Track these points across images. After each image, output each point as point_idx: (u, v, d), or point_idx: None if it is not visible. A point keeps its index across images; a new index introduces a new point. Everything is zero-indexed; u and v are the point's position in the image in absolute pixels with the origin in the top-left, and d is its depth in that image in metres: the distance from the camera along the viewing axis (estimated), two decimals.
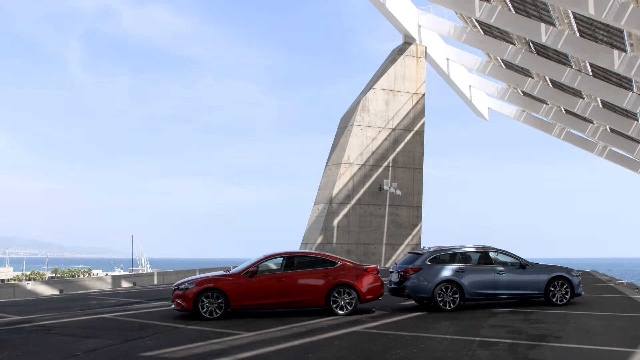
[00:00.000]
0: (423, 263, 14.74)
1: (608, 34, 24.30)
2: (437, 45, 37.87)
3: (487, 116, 46.93)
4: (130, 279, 29.23)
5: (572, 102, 35.28)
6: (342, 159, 34.40)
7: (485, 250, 15.20)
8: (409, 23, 34.85)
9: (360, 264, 14.44)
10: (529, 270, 15.11)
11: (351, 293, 13.74)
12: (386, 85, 35.66)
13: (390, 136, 35.63)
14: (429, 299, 14.47)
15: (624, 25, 20.36)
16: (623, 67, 24.81)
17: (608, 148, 42.86)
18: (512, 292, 15.02)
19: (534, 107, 41.11)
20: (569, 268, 15.87)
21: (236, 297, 13.39)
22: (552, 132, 44.29)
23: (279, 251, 14.42)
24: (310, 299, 13.71)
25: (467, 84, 42.32)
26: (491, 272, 14.82)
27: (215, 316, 13.21)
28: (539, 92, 35.99)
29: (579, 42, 25.68)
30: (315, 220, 34.58)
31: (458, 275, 14.56)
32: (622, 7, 20.07)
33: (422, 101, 36.54)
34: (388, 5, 32.24)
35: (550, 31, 25.65)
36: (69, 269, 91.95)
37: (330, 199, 34.06)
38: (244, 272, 13.67)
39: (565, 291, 15.17)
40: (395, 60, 35.92)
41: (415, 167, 36.26)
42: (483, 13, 26.97)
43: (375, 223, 35.21)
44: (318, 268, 13.92)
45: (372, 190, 35.12)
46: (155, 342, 10.49)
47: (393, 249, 35.61)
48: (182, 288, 13.56)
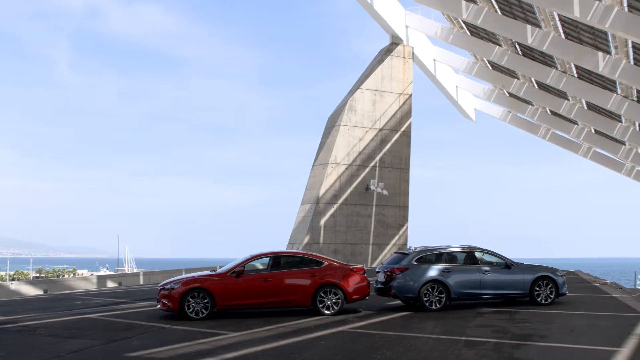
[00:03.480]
0: (409, 263, 14.79)
1: (593, 36, 24.53)
2: (424, 46, 38.02)
3: (473, 117, 47.20)
4: (116, 279, 29.06)
5: (557, 104, 35.59)
6: (329, 159, 34.43)
7: (471, 250, 15.28)
8: (396, 24, 34.96)
9: (346, 264, 14.46)
10: (514, 270, 15.22)
11: (337, 293, 13.76)
12: (373, 86, 35.75)
13: (377, 136, 35.73)
14: (415, 298, 14.53)
15: (608, 27, 20.57)
16: (607, 69, 25.06)
17: (592, 149, 43.28)
18: (497, 291, 15.12)
19: (519, 108, 41.41)
20: (554, 268, 16.01)
21: (222, 297, 13.35)
22: (538, 133, 44.64)
23: (265, 251, 14.40)
24: (296, 299, 13.71)
25: (453, 85, 42.53)
26: (477, 272, 14.91)
27: (202, 316, 13.16)
28: (525, 93, 36.26)
29: (564, 44, 25.90)
30: (302, 220, 34.58)
31: (444, 275, 14.63)
32: (606, 9, 20.27)
33: (409, 102, 36.67)
34: (375, 6, 32.32)
35: (536, 33, 25.85)
36: (53, 269, 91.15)
37: (317, 198, 34.07)
38: (231, 272, 13.64)
39: (550, 291, 15.30)
40: (382, 61, 36.02)
41: (401, 168, 36.37)
42: (470, 14, 27.12)
43: (361, 223, 35.28)
44: (304, 268, 13.92)
45: (359, 190, 35.18)
46: (141, 343, 10.43)
47: (380, 248, 35.70)
48: (168, 288, 13.50)
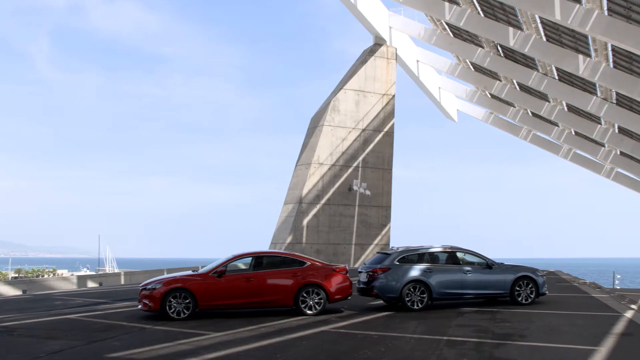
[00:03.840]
0: (391, 263, 14.85)
1: (574, 39, 24.81)
2: (407, 46, 38.18)
3: (455, 118, 47.50)
4: (97, 279, 28.80)
5: (538, 105, 35.93)
6: (312, 159, 34.43)
7: (452, 250, 15.38)
8: (379, 24, 35.06)
9: (329, 264, 14.48)
10: (495, 270, 15.34)
11: (320, 293, 13.77)
12: (356, 86, 35.81)
13: (360, 137, 35.80)
14: (397, 298, 14.58)
15: (588, 31, 20.82)
16: (588, 72, 25.36)
17: (573, 150, 43.76)
18: (478, 291, 15.23)
19: (501, 109, 41.74)
20: (534, 268, 16.17)
21: (204, 297, 13.30)
22: (519, 135, 45.02)
23: (248, 251, 14.37)
24: (279, 299, 13.69)
25: (436, 86, 42.76)
26: (458, 272, 15.01)
27: (183, 316, 13.10)
28: (507, 95, 36.56)
29: (546, 47, 26.16)
30: (285, 220, 34.54)
31: (426, 275, 14.71)
32: (587, 13, 20.51)
33: (392, 102, 36.79)
34: (359, 7, 32.38)
35: (518, 35, 26.07)
36: (33, 269, 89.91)
37: (300, 198, 34.05)
38: (213, 272, 13.59)
39: (530, 291, 15.45)
40: (365, 61, 36.09)
41: (384, 168, 36.49)
42: (453, 16, 27.28)
43: (344, 223, 35.33)
44: (287, 268, 13.91)
45: (342, 190, 35.23)
46: (122, 343, 10.35)
47: (362, 249, 35.77)
48: (149, 288, 13.41)
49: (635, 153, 35.40)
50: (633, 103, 28.56)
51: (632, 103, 28.63)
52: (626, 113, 30.12)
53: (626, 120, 30.50)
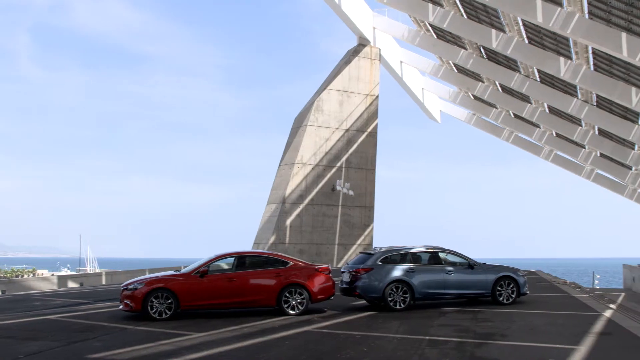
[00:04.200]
0: (374, 263, 14.89)
1: (555, 42, 25.07)
2: (391, 47, 38.31)
3: (438, 119, 47.76)
4: (77, 279, 28.52)
5: (520, 107, 36.24)
6: (296, 159, 34.41)
7: (435, 250, 15.46)
8: (363, 25, 35.14)
9: (311, 264, 14.48)
10: (477, 270, 15.45)
11: (302, 293, 13.76)
12: (340, 86, 35.86)
13: (343, 137, 35.85)
14: (380, 298, 14.62)
15: (569, 34, 21.05)
16: (569, 74, 25.64)
17: (554, 152, 44.20)
18: (460, 291, 15.33)
19: (484, 110, 42.04)
20: (515, 268, 16.31)
21: (186, 297, 13.23)
22: (501, 136, 45.37)
23: (230, 251, 14.32)
24: (261, 299, 13.67)
25: (419, 87, 42.95)
26: (441, 272, 15.09)
27: (165, 317, 13.02)
28: (489, 96, 36.83)
29: (528, 49, 26.41)
30: (268, 220, 34.48)
31: (408, 275, 14.76)
32: (568, 16, 20.74)
33: (375, 103, 36.89)
34: (343, 7, 32.43)
35: (501, 37, 26.29)
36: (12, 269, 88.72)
37: (283, 198, 34.02)
38: (195, 272, 13.52)
39: (511, 290, 15.58)
40: (349, 62, 36.15)
41: (367, 168, 36.58)
42: (436, 17, 27.44)
43: (327, 223, 35.35)
44: (269, 268, 13.89)
45: (325, 190, 35.25)
46: (102, 344, 10.26)
47: (345, 249, 35.83)
48: (130, 288, 13.31)
49: (615, 155, 35.88)
50: (613, 105, 28.94)
51: (612, 105, 29.01)
52: (606, 115, 30.51)
53: (606, 122, 30.90)
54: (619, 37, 20.21)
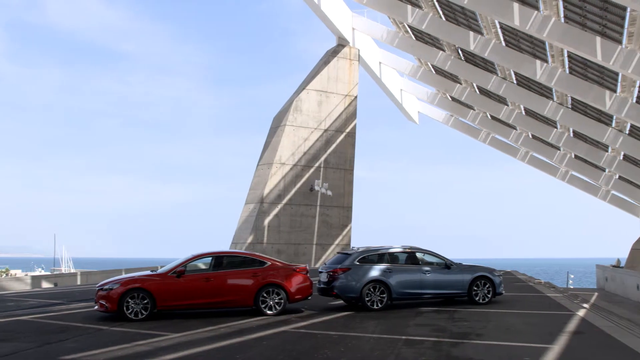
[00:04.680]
0: (352, 263, 14.92)
1: (531, 45, 25.38)
2: (370, 48, 38.44)
3: (417, 120, 48.04)
4: (52, 279, 28.11)
5: (497, 109, 36.63)
6: (274, 159, 34.35)
7: (412, 250, 15.55)
8: (343, 25, 35.21)
9: (289, 264, 14.47)
10: (454, 270, 15.58)
11: (280, 293, 13.74)
12: (319, 87, 35.88)
13: (322, 137, 35.88)
14: (357, 298, 14.66)
15: (545, 37, 21.34)
16: (545, 77, 25.99)
17: (530, 153, 44.75)
18: (437, 291, 15.44)
19: (461, 112, 42.40)
20: (491, 268, 16.48)
21: (163, 298, 13.13)
22: (479, 137, 45.79)
23: (208, 251, 14.24)
24: (238, 299, 13.62)
25: (398, 88, 43.17)
26: (418, 272, 15.18)
27: (141, 317, 12.90)
28: (467, 98, 37.16)
29: (505, 52, 26.69)
30: (246, 219, 34.37)
31: (386, 275, 14.83)
32: (544, 20, 21.02)
33: (354, 103, 36.99)
34: (323, 7, 32.45)
35: (478, 39, 26.54)
36: None
37: (262, 198, 33.93)
38: (172, 272, 13.43)
39: (487, 290, 15.74)
40: (328, 62, 36.19)
41: (346, 168, 36.66)
42: (415, 19, 27.60)
43: (305, 223, 35.35)
44: (247, 268, 13.85)
45: (303, 190, 35.25)
46: (77, 345, 10.13)
47: (323, 249, 35.86)
48: (106, 288, 13.16)
49: (589, 157, 36.46)
50: (587, 108, 29.40)
51: (587, 108, 29.46)
52: (580, 117, 30.99)
53: (580, 125, 31.38)
54: (593, 41, 20.54)
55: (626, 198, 42.51)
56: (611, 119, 29.33)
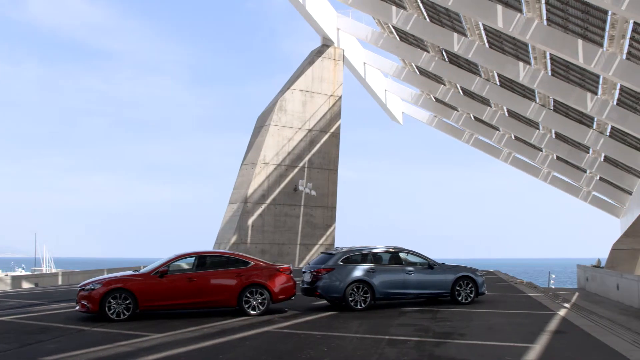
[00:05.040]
0: (335, 263, 14.93)
1: (515, 47, 25.60)
2: (354, 48, 38.52)
3: (401, 120, 48.21)
4: (32, 279, 27.81)
5: (480, 110, 36.88)
6: (258, 159, 34.28)
7: (395, 251, 15.60)
8: (327, 26, 35.23)
9: (273, 264, 14.45)
10: (437, 270, 15.65)
11: (263, 293, 13.72)
12: (304, 87, 35.87)
13: (306, 137, 35.88)
14: (341, 298, 14.68)
15: (528, 39, 21.53)
16: (527, 79, 26.22)
17: (512, 154, 45.11)
18: (420, 291, 15.50)
19: (445, 113, 42.63)
20: (474, 268, 16.58)
21: (145, 298, 13.04)
22: (462, 138, 46.08)
23: (191, 250, 14.17)
24: (222, 299, 13.57)
25: (382, 88, 43.30)
26: (401, 272, 15.23)
27: (123, 317, 12.80)
28: (450, 99, 37.38)
29: (488, 53, 26.89)
30: (230, 219, 34.26)
31: (369, 275, 14.86)
32: (527, 22, 21.21)
33: (338, 103, 37.04)
34: (308, 7, 32.45)
35: (462, 41, 26.71)
36: None
37: (245, 198, 33.85)
38: (154, 272, 13.34)
39: (470, 290, 15.83)
40: (313, 62, 36.20)
41: (330, 169, 36.69)
42: (399, 20, 27.71)
43: (289, 223, 35.32)
44: (230, 268, 13.80)
45: (287, 190, 35.22)
46: (57, 346, 10.02)
47: (307, 249, 35.86)
48: (87, 289, 13.04)
49: (571, 158, 36.84)
50: (569, 110, 29.71)
51: (568, 110, 29.77)
52: (562, 119, 31.31)
53: (562, 126, 31.70)
54: (575, 43, 20.77)
55: (607, 199, 43.02)
56: (592, 120, 29.67)
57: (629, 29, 19.00)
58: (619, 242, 28.47)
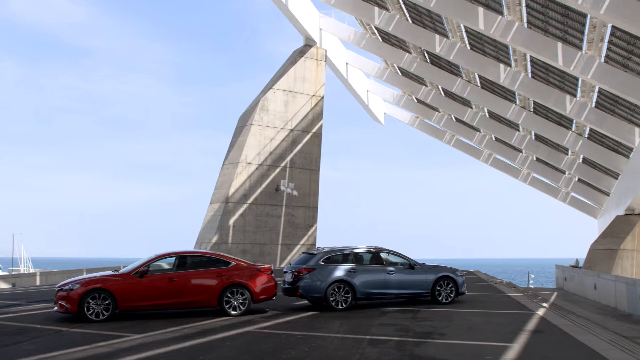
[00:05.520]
0: (317, 263, 14.94)
1: (496, 49, 25.82)
2: (337, 49, 38.57)
3: (382, 121, 48.38)
4: (9, 279, 27.41)
5: (461, 111, 37.16)
6: (240, 158, 34.17)
7: (376, 251, 15.64)
8: (310, 26, 35.24)
9: (254, 264, 14.40)
10: (418, 270, 15.72)
11: (244, 293, 13.67)
12: (286, 86, 35.83)
13: (288, 137, 35.85)
14: (322, 298, 14.69)
15: (509, 41, 21.75)
16: (508, 81, 26.48)
17: (493, 155, 45.52)
18: (401, 291, 15.56)
19: (426, 114, 42.89)
20: (454, 268, 16.69)
21: (125, 298, 12.92)
22: (443, 139, 46.40)
23: (171, 250, 14.08)
24: (202, 300, 13.50)
25: (364, 89, 43.41)
26: (382, 272, 15.28)
27: (102, 318, 12.67)
28: (432, 100, 37.61)
29: (470, 55, 27.11)
30: (211, 219, 34.10)
31: (350, 276, 14.89)
32: (508, 24, 21.42)
33: (320, 103, 37.05)
34: (290, 7, 32.43)
35: (444, 42, 26.89)
36: None
37: (227, 198, 33.72)
38: (134, 272, 13.23)
39: (450, 290, 15.93)
40: (295, 62, 36.17)
41: (312, 169, 36.69)
42: (382, 21, 27.81)
43: (271, 223, 35.26)
44: (211, 268, 13.73)
45: (269, 190, 35.15)
46: (35, 347, 9.90)
47: (289, 249, 35.82)
48: (66, 289, 12.89)
49: (550, 159, 37.27)
50: (548, 112, 30.05)
51: (548, 112, 30.11)
52: (542, 121, 31.67)
53: (542, 128, 32.06)
54: (555, 46, 21.02)
55: (585, 200, 43.60)
56: (571, 122, 30.04)
57: (607, 32, 19.28)
58: (597, 243, 28.85)
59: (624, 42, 19.23)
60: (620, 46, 19.71)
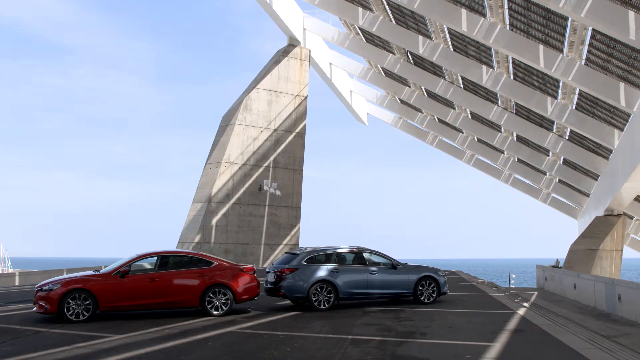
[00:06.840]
0: (299, 263, 14.94)
1: (478, 51, 26.01)
2: (321, 49, 38.60)
3: (366, 121, 48.50)
4: None
5: (444, 112, 37.37)
6: (223, 158, 34.05)
7: (359, 251, 15.67)
8: (294, 26, 35.22)
9: (236, 264, 14.36)
10: (400, 270, 15.78)
11: (227, 293, 13.63)
12: (269, 86, 35.78)
13: (271, 137, 35.80)
14: (305, 298, 14.68)
15: (492, 43, 21.92)
16: (490, 82, 26.69)
17: (475, 156, 45.82)
18: (384, 291, 15.61)
19: (410, 114, 43.06)
20: (436, 268, 16.78)
21: (106, 298, 12.81)
22: (426, 139, 46.62)
23: (153, 250, 13.98)
24: (184, 300, 13.43)
25: (348, 89, 43.49)
26: (364, 272, 15.31)
27: (83, 318, 12.55)
28: (415, 101, 37.77)
29: (453, 56, 27.28)
30: (193, 219, 33.94)
31: (333, 275, 14.90)
32: (491, 26, 21.59)
33: (304, 103, 37.06)
34: (274, 7, 32.39)
35: (427, 44, 27.03)
36: None
37: (209, 197, 33.57)
38: (115, 272, 13.12)
39: (432, 290, 16.01)
40: (279, 62, 36.14)
41: (295, 168, 36.67)
42: (366, 21, 27.89)
43: (254, 223, 35.18)
44: (193, 268, 13.66)
45: (252, 190, 35.07)
46: (13, 348, 9.77)
47: (271, 249, 35.76)
48: (46, 289, 12.74)
49: (531, 160, 37.62)
50: (530, 113, 30.33)
51: (529, 113, 30.40)
52: (524, 122, 31.96)
53: (523, 129, 32.35)
54: (536, 48, 21.23)
55: (565, 201, 44.07)
56: (552, 124, 30.35)
57: (588, 35, 19.52)
58: (577, 243, 29.19)
59: (604, 45, 19.48)
60: (600, 49, 19.96)
